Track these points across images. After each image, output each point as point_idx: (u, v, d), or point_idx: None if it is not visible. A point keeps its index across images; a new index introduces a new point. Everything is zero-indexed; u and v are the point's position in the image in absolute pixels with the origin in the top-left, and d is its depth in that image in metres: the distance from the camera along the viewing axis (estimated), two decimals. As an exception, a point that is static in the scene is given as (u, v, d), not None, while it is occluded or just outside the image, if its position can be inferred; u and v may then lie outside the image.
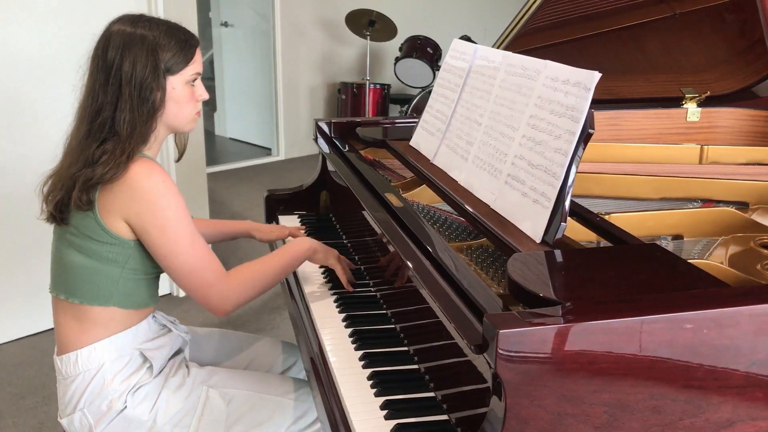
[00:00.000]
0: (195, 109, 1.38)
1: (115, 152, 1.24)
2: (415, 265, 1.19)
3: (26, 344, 2.71)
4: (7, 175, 2.54)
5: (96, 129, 1.27)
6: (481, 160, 1.40)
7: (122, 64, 1.25)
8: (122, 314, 1.34)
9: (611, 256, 1.10)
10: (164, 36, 1.29)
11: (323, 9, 5.81)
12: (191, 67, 1.33)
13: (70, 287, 1.33)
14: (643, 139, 2.00)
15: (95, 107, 1.27)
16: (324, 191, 2.08)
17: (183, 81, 1.32)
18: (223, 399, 1.40)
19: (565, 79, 1.20)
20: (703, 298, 0.91)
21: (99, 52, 1.28)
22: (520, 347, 0.83)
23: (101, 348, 1.33)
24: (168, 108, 1.32)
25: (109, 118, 1.26)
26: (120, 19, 1.31)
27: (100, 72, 1.27)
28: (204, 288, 1.31)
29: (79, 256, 1.30)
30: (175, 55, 1.30)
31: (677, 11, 2.03)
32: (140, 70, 1.26)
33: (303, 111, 5.94)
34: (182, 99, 1.33)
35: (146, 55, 1.26)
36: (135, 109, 1.26)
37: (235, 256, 3.62)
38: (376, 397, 1.15)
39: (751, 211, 1.52)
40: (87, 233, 1.28)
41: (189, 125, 1.39)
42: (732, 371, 0.90)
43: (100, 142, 1.26)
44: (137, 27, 1.28)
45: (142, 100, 1.26)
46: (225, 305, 1.33)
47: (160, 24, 1.31)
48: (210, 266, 1.31)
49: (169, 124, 1.35)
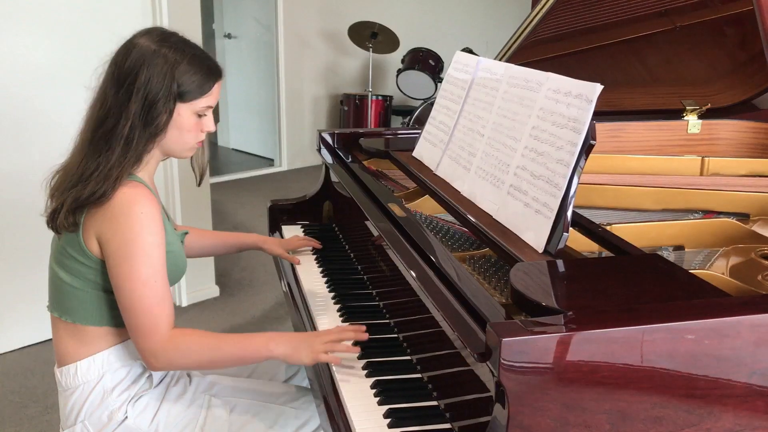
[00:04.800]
0: (197, 139, 1.34)
1: (107, 168, 1.21)
2: (419, 274, 1.20)
3: (29, 353, 2.71)
4: (12, 183, 2.56)
5: (99, 138, 1.24)
6: (483, 170, 1.41)
7: (138, 76, 1.22)
8: (118, 331, 1.33)
9: (613, 266, 1.10)
10: (187, 61, 1.26)
11: (326, 21, 5.86)
12: (204, 100, 1.30)
13: (63, 307, 1.32)
14: (644, 151, 2.01)
15: (102, 113, 1.25)
16: (327, 201, 2.09)
17: (192, 111, 1.29)
18: (226, 408, 1.40)
19: (567, 91, 1.21)
20: (704, 308, 0.92)
21: (119, 59, 1.25)
22: (523, 356, 0.84)
23: (100, 359, 1.33)
24: (169, 133, 1.28)
25: (111, 129, 1.23)
26: (150, 32, 1.28)
27: (114, 79, 1.24)
28: (137, 333, 1.22)
29: (68, 276, 1.29)
30: (193, 83, 1.26)
31: (678, 24, 2.05)
32: (153, 88, 1.22)
33: (306, 122, 5.97)
34: (185, 127, 1.30)
35: (163, 75, 1.23)
36: (137, 126, 1.23)
37: (237, 266, 3.63)
38: (379, 405, 1.15)
39: (752, 223, 1.52)
40: (72, 254, 1.27)
41: (186, 153, 1.35)
42: (733, 381, 0.90)
43: (98, 154, 1.23)
44: (164, 45, 1.25)
45: (146, 120, 1.23)
46: (151, 361, 1.22)
47: (188, 48, 1.28)
48: (152, 313, 1.21)
49: (165, 149, 1.32)
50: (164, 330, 1.21)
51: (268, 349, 1.25)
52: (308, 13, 5.74)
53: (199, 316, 3.12)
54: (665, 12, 2.04)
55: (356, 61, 6.12)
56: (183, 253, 1.40)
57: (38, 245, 2.60)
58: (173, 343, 1.22)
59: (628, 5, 2.11)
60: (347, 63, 6.12)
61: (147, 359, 1.23)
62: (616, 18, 2.15)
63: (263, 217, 2.15)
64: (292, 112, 5.83)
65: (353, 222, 1.80)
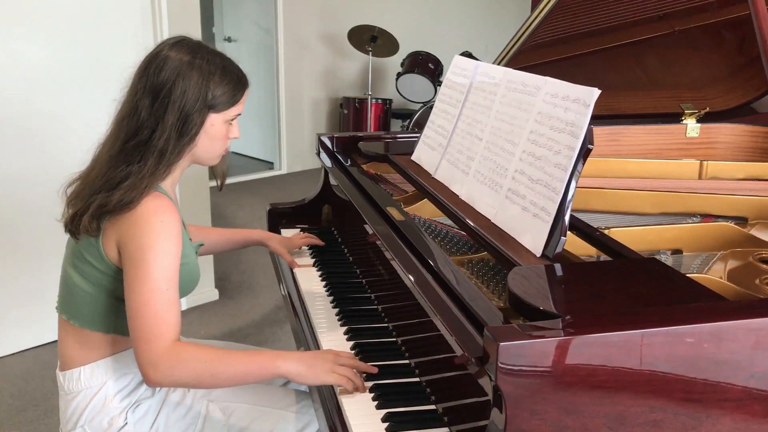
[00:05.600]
0: (225, 147, 1.36)
1: (138, 178, 1.22)
2: (417, 278, 1.20)
3: (28, 357, 2.72)
4: (16, 187, 2.56)
5: (130, 149, 1.25)
6: (481, 174, 1.41)
7: (173, 89, 1.23)
8: (124, 339, 1.33)
9: (611, 270, 1.11)
10: (220, 72, 1.28)
11: (326, 25, 5.87)
12: (235, 108, 1.32)
13: (73, 310, 1.33)
14: (642, 155, 2.01)
15: (135, 125, 1.25)
16: (326, 205, 2.09)
17: (223, 120, 1.31)
18: (224, 413, 1.40)
19: (564, 95, 1.22)
20: (701, 311, 0.92)
21: (150, 71, 1.25)
22: (521, 360, 0.84)
23: (104, 366, 1.33)
24: (200, 142, 1.30)
25: (145, 141, 1.24)
26: (179, 44, 1.29)
27: (148, 91, 1.25)
28: (139, 341, 1.19)
29: (81, 280, 1.30)
30: (225, 93, 1.28)
31: (676, 28, 2.05)
32: (190, 100, 1.24)
33: (305, 125, 5.98)
34: (217, 136, 1.32)
35: (199, 87, 1.25)
36: (172, 138, 1.24)
37: (237, 269, 3.63)
38: (377, 409, 1.16)
39: (750, 226, 1.52)
40: (89, 259, 1.28)
41: (214, 161, 1.38)
42: (731, 385, 0.90)
43: (128, 163, 1.24)
44: (197, 56, 1.26)
45: (181, 132, 1.25)
46: (150, 372, 1.18)
47: (217, 58, 1.30)
48: (157, 320, 1.18)
49: (196, 158, 1.34)
50: (167, 339, 1.18)
51: (275, 366, 1.21)
52: (308, 16, 5.75)
53: (198, 319, 3.12)
54: (664, 16, 2.05)
55: (356, 65, 6.13)
56: (197, 265, 1.41)
57: (38, 248, 2.62)
58: (175, 353, 1.18)
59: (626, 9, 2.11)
60: (347, 66, 6.13)
61: (146, 370, 1.18)
62: (615, 22, 2.15)
63: (263, 220, 2.15)
64: (292, 116, 5.84)
65: (352, 226, 1.80)
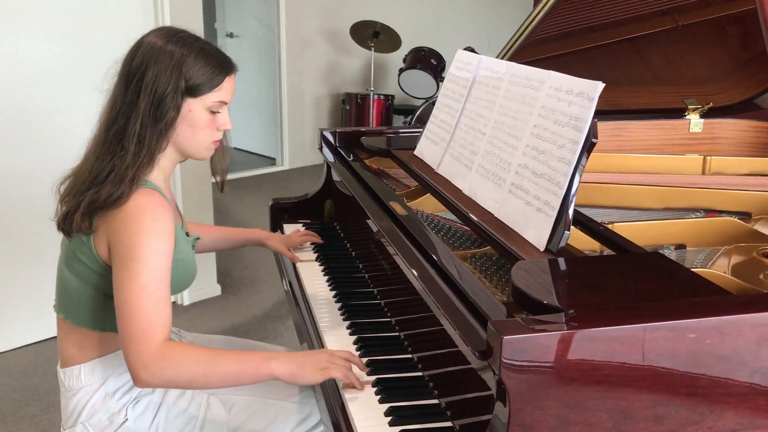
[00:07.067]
0: (212, 137, 1.32)
1: (122, 169, 1.21)
2: (420, 273, 1.20)
3: (30, 352, 2.72)
4: (13, 183, 2.56)
5: (111, 138, 1.24)
6: (485, 169, 1.41)
7: (145, 74, 1.22)
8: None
9: (614, 265, 1.10)
10: (194, 56, 1.25)
11: (328, 20, 5.86)
12: (215, 94, 1.28)
13: (69, 309, 1.32)
14: (646, 150, 2.01)
15: (113, 114, 1.25)
16: (328, 200, 2.09)
17: (203, 106, 1.27)
18: (224, 406, 1.40)
19: (568, 89, 1.21)
20: (705, 306, 0.92)
21: (127, 58, 1.26)
22: (524, 354, 0.84)
23: (104, 363, 1.33)
24: (181, 130, 1.27)
25: (122, 128, 1.23)
26: (158, 30, 1.28)
27: (122, 78, 1.25)
28: (128, 341, 1.16)
29: (75, 279, 1.29)
30: (201, 77, 1.25)
31: (680, 23, 2.04)
32: (161, 85, 1.22)
33: (307, 121, 5.97)
34: (198, 124, 1.28)
35: (170, 71, 1.22)
36: (147, 124, 1.22)
37: (239, 265, 3.63)
38: (380, 403, 1.16)
39: (754, 221, 1.52)
40: (82, 258, 1.27)
41: (203, 152, 1.34)
42: (734, 380, 0.90)
43: (112, 155, 1.23)
44: (170, 41, 1.25)
45: (156, 117, 1.23)
46: (140, 372, 1.15)
47: (195, 43, 1.27)
48: (147, 320, 1.15)
49: (180, 148, 1.31)
50: (157, 339, 1.16)
51: (269, 367, 1.19)
52: (310, 12, 5.74)
53: (200, 314, 3.12)
54: (667, 11, 2.04)
55: (358, 61, 6.12)
56: (194, 260, 1.39)
57: (39, 244, 2.62)
58: (165, 353, 1.15)
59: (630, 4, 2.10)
60: (349, 62, 6.12)
61: (136, 371, 1.15)
62: (618, 17, 2.15)
63: (265, 216, 2.15)
64: (294, 111, 5.84)
65: (355, 221, 1.80)
